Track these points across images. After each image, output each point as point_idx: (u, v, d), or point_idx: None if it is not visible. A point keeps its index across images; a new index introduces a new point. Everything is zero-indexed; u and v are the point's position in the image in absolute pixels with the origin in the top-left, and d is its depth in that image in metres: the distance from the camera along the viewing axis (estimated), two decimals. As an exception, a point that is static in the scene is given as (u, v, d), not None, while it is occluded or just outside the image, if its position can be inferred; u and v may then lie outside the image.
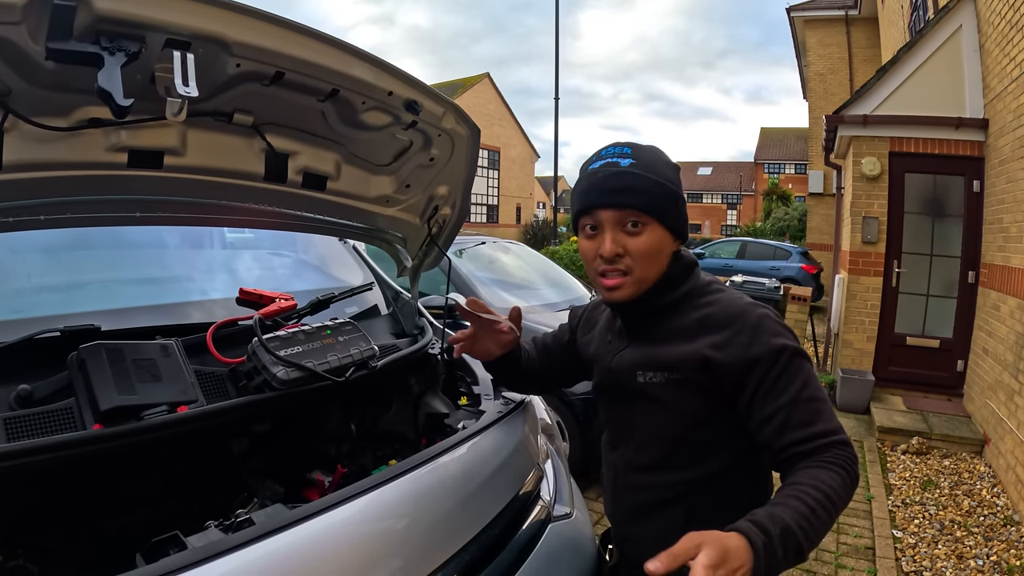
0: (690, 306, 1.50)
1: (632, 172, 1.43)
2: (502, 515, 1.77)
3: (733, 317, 1.42)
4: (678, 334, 1.48)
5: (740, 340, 1.39)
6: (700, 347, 1.42)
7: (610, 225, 1.44)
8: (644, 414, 1.53)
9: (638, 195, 1.41)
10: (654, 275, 1.47)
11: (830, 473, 1.26)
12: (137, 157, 1.65)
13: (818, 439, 1.32)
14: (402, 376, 2.47)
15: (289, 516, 1.34)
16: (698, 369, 1.41)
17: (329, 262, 3.11)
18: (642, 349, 1.53)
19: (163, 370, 1.73)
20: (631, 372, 1.52)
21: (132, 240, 2.47)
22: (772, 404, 1.35)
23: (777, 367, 1.36)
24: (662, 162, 1.48)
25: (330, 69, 1.63)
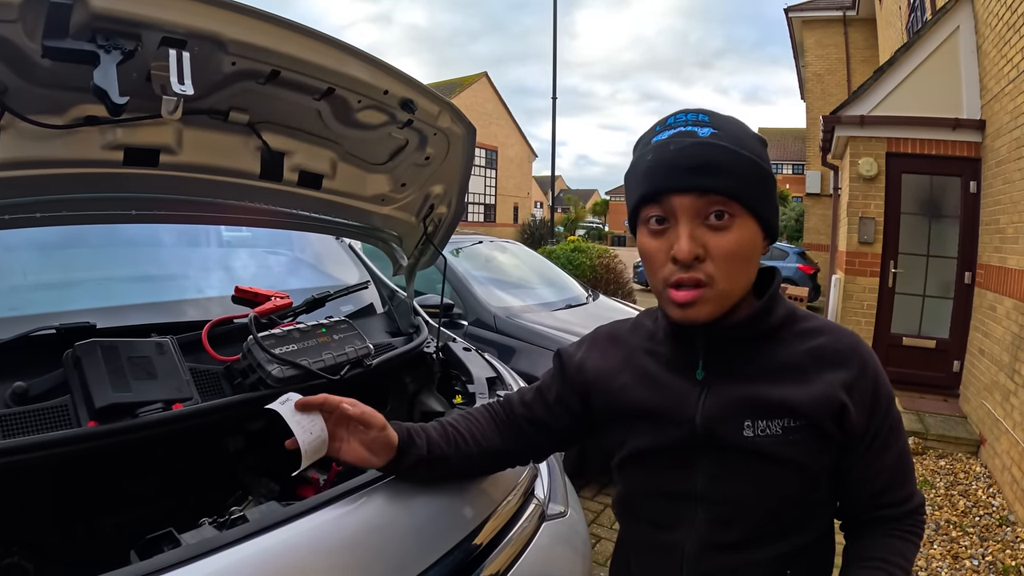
0: (791, 333, 1.19)
1: (718, 144, 1.07)
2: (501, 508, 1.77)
3: (853, 350, 1.16)
4: (787, 368, 1.16)
5: (866, 382, 1.14)
6: (831, 387, 1.13)
7: (687, 216, 1.08)
8: (745, 478, 1.17)
9: (727, 175, 1.06)
10: (741, 287, 1.13)
11: (911, 547, 1.20)
12: (133, 155, 1.65)
13: (908, 503, 1.20)
14: (397, 375, 2.48)
15: (283, 513, 1.34)
16: (830, 416, 1.13)
17: (325, 260, 3.12)
18: (741, 389, 1.17)
19: (158, 368, 1.74)
20: (733, 423, 1.15)
21: (128, 238, 2.47)
22: (880, 462, 1.17)
23: (891, 417, 1.17)
24: (750, 135, 1.14)
25: (325, 68, 1.63)
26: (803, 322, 1.21)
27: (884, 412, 1.16)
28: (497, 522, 1.73)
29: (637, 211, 1.15)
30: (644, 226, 1.14)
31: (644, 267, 1.17)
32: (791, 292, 9.07)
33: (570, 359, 1.42)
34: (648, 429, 1.24)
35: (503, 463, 1.56)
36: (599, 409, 1.35)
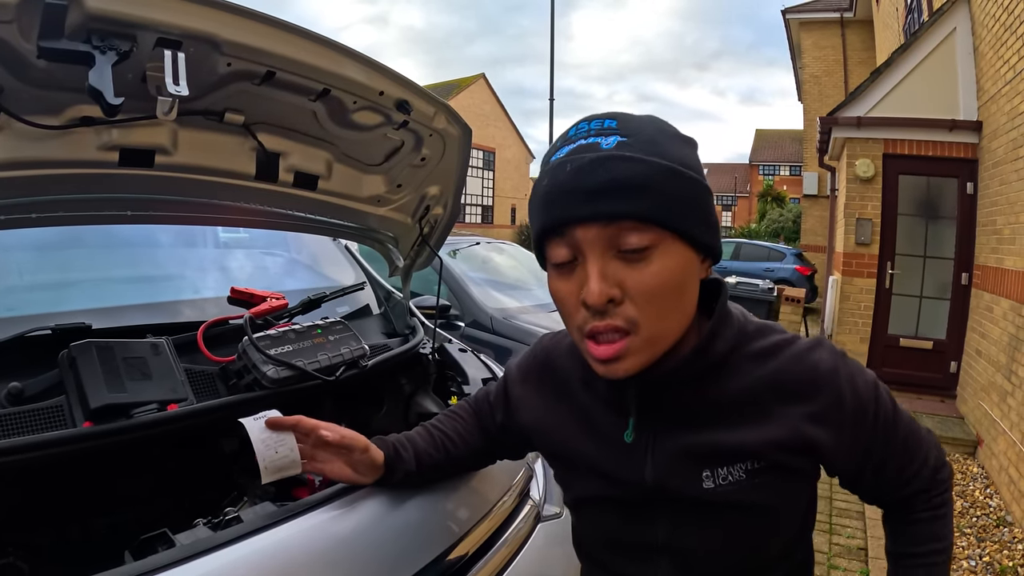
0: (742, 357, 1.01)
1: (624, 156, 0.86)
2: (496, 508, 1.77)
3: (815, 372, 0.98)
4: (743, 403, 0.99)
5: (839, 404, 0.98)
6: (795, 422, 0.97)
7: (595, 251, 0.88)
8: (710, 530, 1.03)
9: (638, 194, 0.85)
10: (675, 326, 0.93)
11: (939, 523, 1.11)
12: (128, 156, 1.65)
13: (921, 475, 1.09)
14: (393, 376, 2.48)
15: (277, 514, 1.35)
16: (799, 452, 0.98)
17: (321, 262, 3.12)
18: (692, 436, 1.01)
19: (153, 368, 1.73)
20: (691, 476, 1.00)
21: (124, 238, 2.47)
22: (885, 462, 1.05)
23: (882, 419, 1.02)
24: (670, 136, 0.92)
25: (321, 69, 1.63)
26: (757, 340, 1.02)
27: (872, 421, 1.01)
28: (492, 523, 1.73)
29: (541, 247, 0.96)
30: (551, 264, 0.95)
31: (560, 314, 0.98)
32: (789, 293, 9.07)
33: (512, 388, 1.30)
34: (593, 479, 1.11)
35: (493, 458, 1.49)
36: (541, 447, 1.24)
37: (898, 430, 1.04)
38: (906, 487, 1.10)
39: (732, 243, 19.10)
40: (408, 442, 1.37)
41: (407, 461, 1.34)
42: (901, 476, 1.08)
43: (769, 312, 8.64)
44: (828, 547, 4.21)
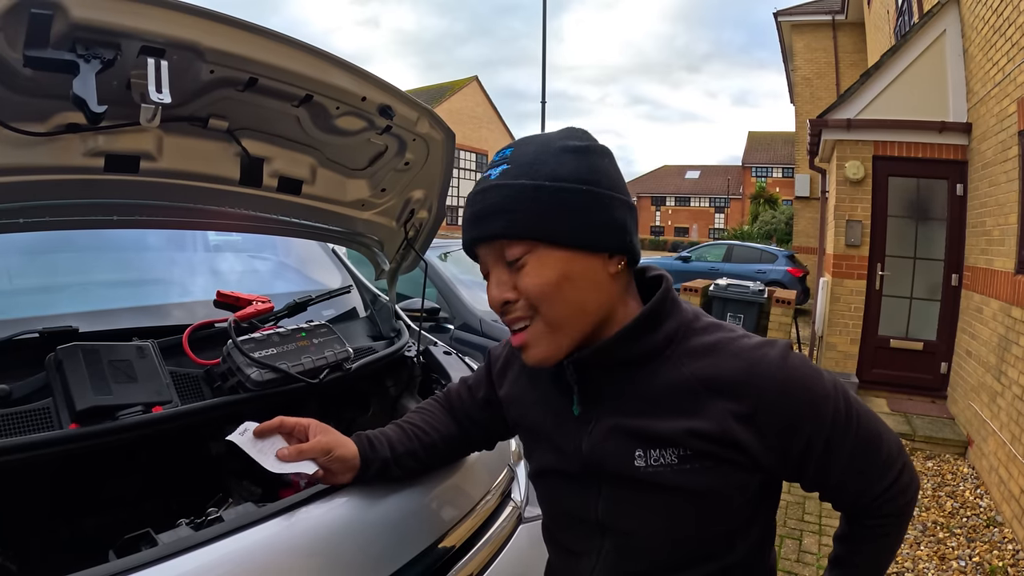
0: (680, 351, 1.07)
1: (495, 185, 1.03)
2: (477, 508, 1.79)
3: (751, 371, 1.02)
4: (676, 394, 1.05)
5: (770, 406, 1.01)
6: (721, 417, 1.02)
7: (490, 262, 1.08)
8: (645, 510, 1.09)
9: (499, 216, 1.02)
10: (572, 317, 1.05)
11: (884, 543, 1.17)
12: (114, 162, 1.67)
13: (870, 492, 1.11)
14: (378, 378, 2.50)
15: (257, 513, 1.36)
16: (725, 446, 1.02)
17: (309, 265, 3.14)
18: (627, 418, 1.09)
19: (139, 371, 1.75)
20: (624, 454, 1.08)
21: (112, 242, 2.49)
22: (828, 468, 1.07)
23: (826, 424, 1.03)
24: (554, 150, 1.04)
25: (303, 75, 1.65)
26: (700, 336, 1.09)
27: (811, 427, 1.02)
28: (475, 521, 1.76)
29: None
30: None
31: None
32: (779, 295, 9.08)
33: (495, 361, 1.42)
34: (547, 451, 1.22)
35: (466, 448, 1.58)
36: (510, 418, 1.36)
37: (843, 447, 1.06)
38: (855, 501, 1.13)
39: (724, 245, 19.10)
40: (381, 435, 1.45)
41: (381, 450, 1.41)
42: (846, 488, 1.11)
43: (760, 314, 8.65)
44: (818, 548, 4.23)
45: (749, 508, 1.10)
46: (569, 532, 1.23)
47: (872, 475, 1.10)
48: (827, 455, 1.05)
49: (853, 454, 1.06)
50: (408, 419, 1.50)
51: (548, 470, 1.22)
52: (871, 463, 1.09)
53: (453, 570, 1.60)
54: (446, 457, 1.56)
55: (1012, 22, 5.21)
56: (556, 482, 1.22)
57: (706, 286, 9.51)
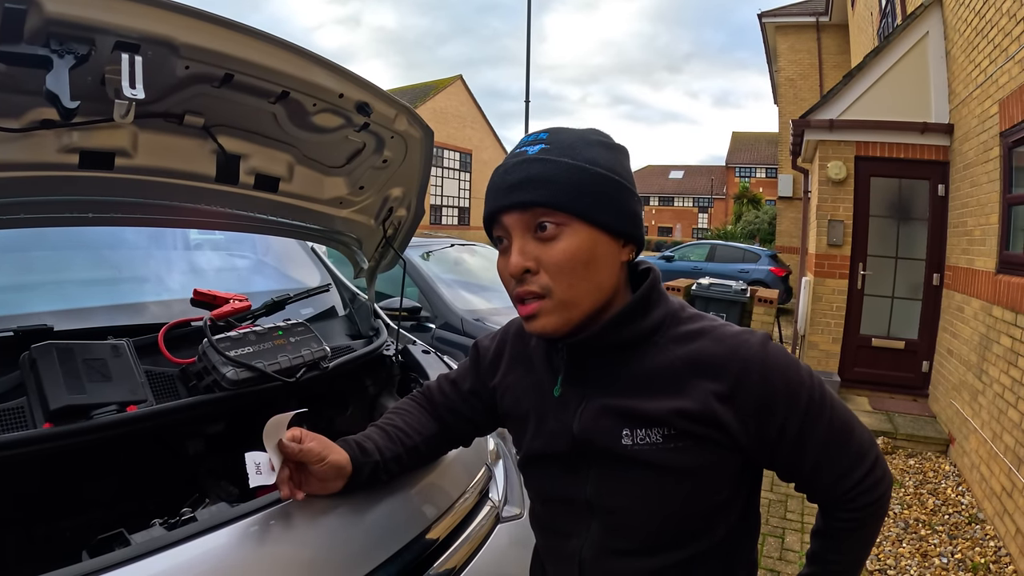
0: (667, 338, 1.15)
1: (539, 159, 1.09)
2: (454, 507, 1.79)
3: (732, 354, 1.09)
4: (662, 377, 1.12)
5: (749, 388, 1.08)
6: (703, 397, 1.08)
7: (516, 232, 1.10)
8: (631, 487, 1.15)
9: (545, 186, 1.06)
10: (587, 294, 1.10)
11: (856, 536, 1.21)
12: (88, 158, 1.65)
13: (841, 484, 1.15)
14: (357, 377, 2.48)
15: (231, 513, 1.36)
16: (707, 424, 1.08)
17: (288, 263, 3.11)
18: (614, 399, 1.15)
19: (113, 370, 1.74)
20: (611, 432, 1.13)
21: (89, 240, 2.46)
22: (800, 454, 1.12)
23: (799, 411, 1.09)
24: (590, 141, 1.13)
25: (279, 71, 1.64)
26: (686, 324, 1.16)
27: (786, 411, 1.08)
28: (452, 520, 1.75)
29: (490, 235, 1.18)
30: (497, 249, 1.17)
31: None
32: (761, 294, 9.12)
33: (485, 352, 1.45)
34: (537, 434, 1.26)
35: (446, 446, 1.59)
36: (502, 408, 1.39)
37: (815, 434, 1.11)
38: (828, 492, 1.18)
39: (707, 244, 19.18)
40: (367, 439, 1.43)
41: (371, 454, 1.40)
42: (818, 478, 1.16)
43: (743, 313, 8.69)
44: (800, 546, 4.24)
45: (730, 488, 1.15)
46: (558, 514, 1.28)
47: (845, 464, 1.15)
48: (800, 440, 1.11)
49: (826, 442, 1.12)
50: (389, 421, 1.50)
51: (538, 455, 1.27)
52: (843, 452, 1.14)
53: (432, 567, 1.59)
54: (427, 458, 1.56)
55: (994, 24, 5.23)
56: (546, 466, 1.26)
57: (688, 285, 9.55)
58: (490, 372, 1.42)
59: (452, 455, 1.72)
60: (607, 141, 1.16)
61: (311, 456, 1.31)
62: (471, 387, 1.46)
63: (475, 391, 1.46)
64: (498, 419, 1.45)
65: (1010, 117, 4.94)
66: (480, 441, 2.09)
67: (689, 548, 1.16)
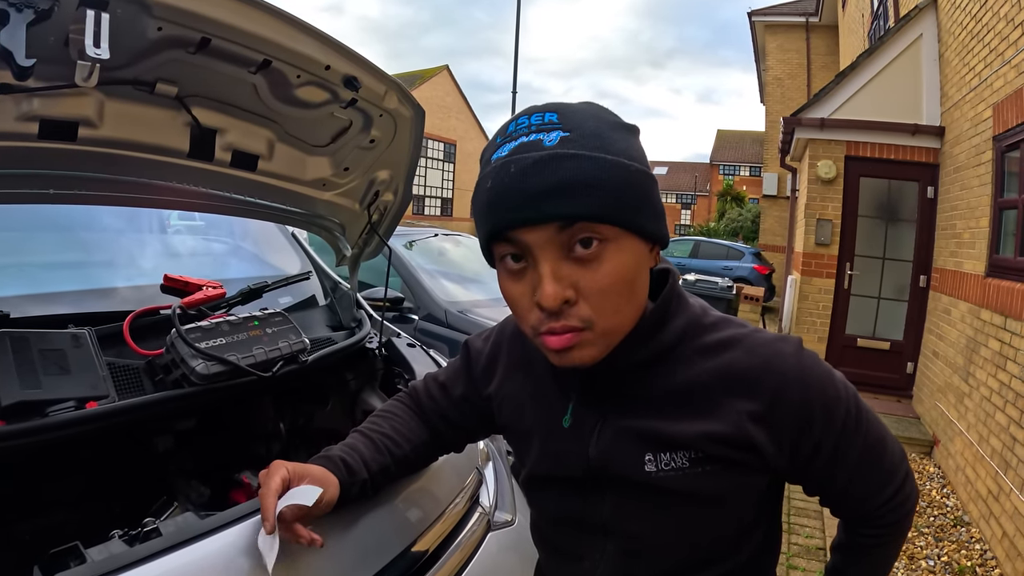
0: (691, 349, 0.99)
1: (571, 154, 0.84)
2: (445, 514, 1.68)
3: (767, 367, 0.95)
4: (689, 394, 0.97)
5: (786, 406, 0.94)
6: (736, 418, 0.94)
7: (547, 254, 0.86)
8: (653, 514, 1.02)
9: (589, 193, 0.83)
10: (630, 317, 0.93)
11: (879, 553, 1.13)
12: (49, 128, 1.50)
13: (874, 500, 1.06)
14: (338, 371, 2.34)
15: (198, 527, 1.22)
16: (740, 448, 0.95)
17: (267, 249, 2.95)
18: (636, 420, 1.00)
19: (72, 362, 1.58)
20: (633, 458, 0.99)
21: (55, 220, 2.29)
22: (833, 472, 1.01)
23: (835, 428, 0.97)
24: (610, 124, 0.90)
25: (261, 37, 1.49)
26: (712, 333, 1.00)
27: (822, 428, 0.96)
28: (441, 529, 1.64)
29: (489, 248, 0.93)
30: (502, 267, 0.93)
31: (512, 312, 0.97)
32: (747, 292, 9.11)
33: (477, 356, 1.27)
34: (544, 454, 1.11)
35: (436, 453, 1.41)
36: (500, 420, 1.22)
37: (851, 451, 1.00)
38: (856, 508, 1.09)
39: (691, 241, 19.24)
40: (354, 453, 1.25)
41: (358, 471, 1.23)
42: (849, 495, 1.06)
43: (728, 310, 8.67)
44: (787, 547, 4.18)
45: (756, 510, 1.04)
46: (567, 535, 1.14)
47: (876, 482, 1.05)
48: (835, 459, 0.99)
49: (860, 460, 1.01)
50: (376, 427, 1.32)
51: (545, 476, 1.12)
52: (876, 470, 1.04)
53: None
54: (416, 467, 1.40)
55: (990, 28, 5.23)
56: (554, 488, 1.12)
57: (674, 281, 9.49)
58: (484, 379, 1.25)
59: (441, 458, 1.58)
60: (624, 122, 0.93)
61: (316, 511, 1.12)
62: (463, 392, 1.29)
63: (467, 397, 1.29)
64: (495, 428, 1.28)
65: (1004, 121, 4.93)
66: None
67: (713, 570, 1.05)
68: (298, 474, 1.13)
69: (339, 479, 1.18)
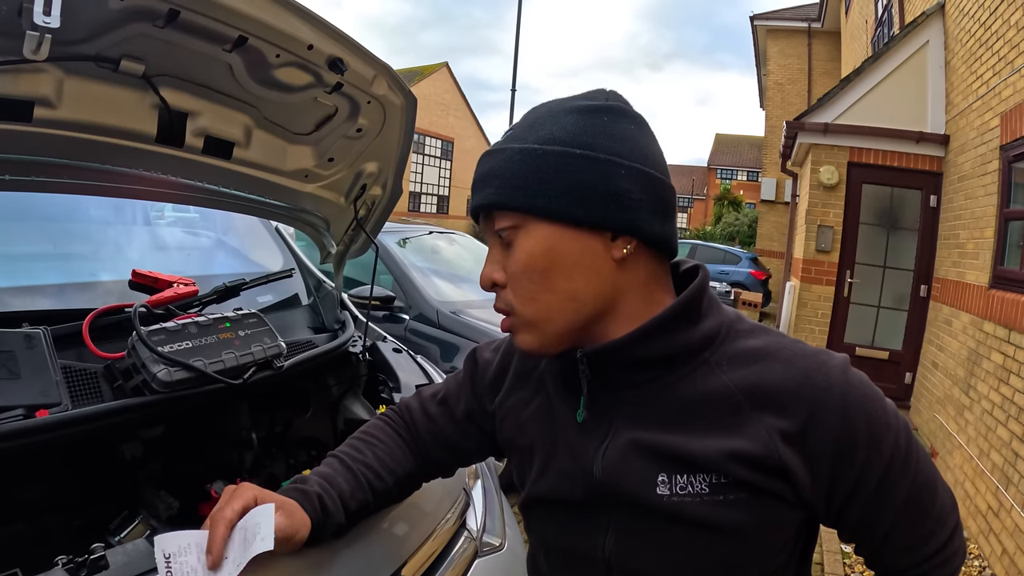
0: (720, 356, 0.90)
1: (496, 149, 0.92)
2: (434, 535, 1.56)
3: (806, 381, 0.85)
4: (713, 406, 0.88)
5: (826, 425, 0.83)
6: (765, 436, 0.84)
7: (490, 240, 0.95)
8: (663, 549, 0.91)
9: (491, 182, 0.90)
10: (554, 309, 0.89)
11: None
12: (1, 107, 1.36)
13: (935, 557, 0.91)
14: (319, 376, 2.21)
15: (150, 560, 1.08)
16: (768, 473, 0.84)
17: (249, 244, 2.80)
18: (650, 433, 0.91)
19: (23, 365, 1.43)
20: (644, 478, 0.89)
21: (14, 209, 2.13)
22: (876, 512, 0.88)
23: (883, 456, 0.85)
24: (562, 110, 0.91)
25: (236, 11, 1.34)
26: (743, 340, 0.91)
27: (868, 456, 0.84)
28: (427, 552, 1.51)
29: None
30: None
31: None
32: (745, 297, 9.01)
33: (485, 367, 1.19)
34: (544, 472, 1.02)
35: (421, 482, 1.31)
36: (502, 435, 1.14)
37: (898, 490, 0.87)
38: (897, 561, 0.93)
39: (687, 244, 19.19)
40: (331, 487, 1.12)
41: (334, 513, 1.10)
42: (890, 544, 0.91)
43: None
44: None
45: (781, 556, 0.91)
46: (565, 570, 1.04)
47: (923, 531, 0.90)
48: (879, 497, 0.86)
49: (907, 501, 0.88)
50: (358, 455, 1.19)
51: (544, 499, 1.02)
52: (924, 516, 0.90)
53: None
54: (396, 500, 1.28)
55: (1000, 36, 5.15)
56: (554, 513, 1.02)
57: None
58: (491, 391, 1.17)
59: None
60: (587, 104, 0.90)
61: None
62: (466, 410, 1.20)
63: (471, 414, 1.20)
64: (495, 448, 1.20)
65: (1012, 130, 4.86)
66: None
67: None
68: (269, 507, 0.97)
69: (312, 519, 1.05)
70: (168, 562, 0.89)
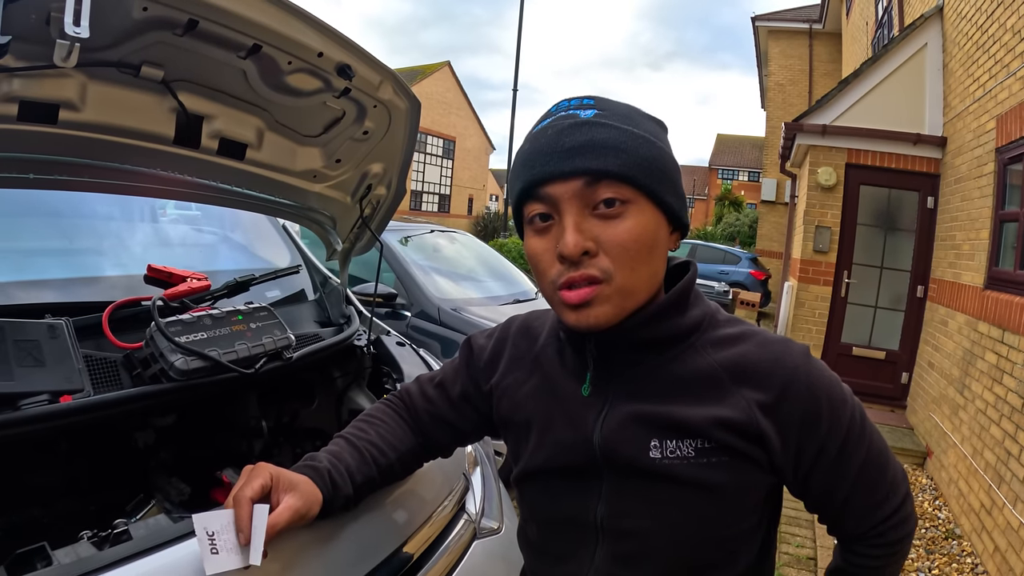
0: (704, 340, 1.03)
1: (603, 123, 0.94)
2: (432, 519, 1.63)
3: (777, 361, 0.98)
4: (700, 382, 1.00)
5: (795, 400, 0.96)
6: (745, 406, 0.96)
7: (572, 206, 0.93)
8: (651, 507, 1.01)
9: (616, 154, 0.92)
10: (646, 282, 0.97)
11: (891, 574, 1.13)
12: (28, 109, 1.44)
13: (886, 522, 1.06)
14: (325, 368, 2.29)
15: (170, 531, 1.17)
16: (747, 438, 0.97)
17: (256, 241, 2.89)
18: (644, 405, 1.01)
19: (48, 354, 1.52)
20: (638, 443, 1.00)
21: (32, 205, 2.22)
22: (837, 491, 1.02)
23: (841, 430, 0.98)
24: (643, 116, 1.00)
25: (251, 21, 1.43)
26: (724, 327, 1.04)
27: (828, 429, 0.98)
28: (426, 535, 1.59)
29: (520, 211, 1.02)
30: (529, 227, 1.00)
31: (534, 273, 1.02)
32: (744, 297, 9.06)
33: (480, 351, 1.28)
34: (543, 444, 1.10)
35: (423, 460, 1.38)
36: (499, 413, 1.22)
37: (855, 457, 1.01)
38: (855, 525, 1.08)
39: (688, 244, 19.20)
40: (340, 464, 1.20)
41: (343, 486, 1.18)
42: (849, 508, 1.05)
43: (725, 316, 8.65)
44: (778, 556, 4.12)
45: (755, 515, 1.04)
46: (557, 537, 1.14)
47: (878, 496, 1.06)
48: (839, 464, 1.01)
49: (862, 469, 1.02)
50: (363, 433, 1.28)
51: (540, 469, 1.11)
52: (878, 483, 1.05)
53: None
54: (399, 476, 1.35)
55: (997, 39, 5.19)
56: (549, 483, 1.11)
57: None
58: (486, 372, 1.25)
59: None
60: (654, 116, 1.04)
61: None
62: (462, 390, 1.28)
63: (466, 395, 1.28)
64: (491, 427, 1.28)
65: (1007, 133, 4.89)
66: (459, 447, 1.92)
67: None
68: (282, 482, 1.07)
69: (323, 494, 1.13)
70: (212, 539, 0.96)
